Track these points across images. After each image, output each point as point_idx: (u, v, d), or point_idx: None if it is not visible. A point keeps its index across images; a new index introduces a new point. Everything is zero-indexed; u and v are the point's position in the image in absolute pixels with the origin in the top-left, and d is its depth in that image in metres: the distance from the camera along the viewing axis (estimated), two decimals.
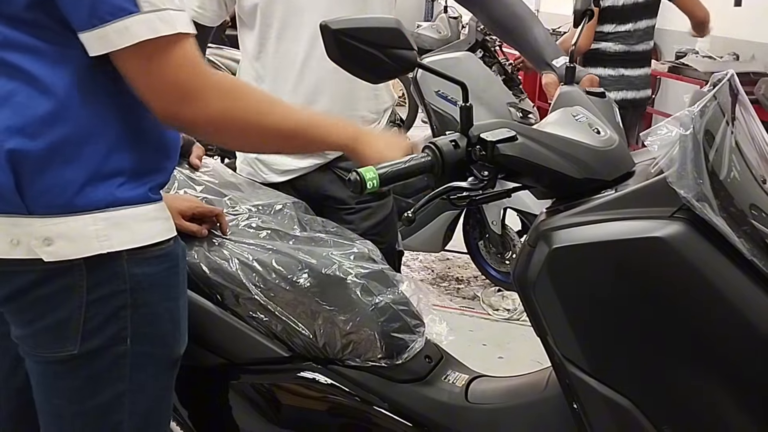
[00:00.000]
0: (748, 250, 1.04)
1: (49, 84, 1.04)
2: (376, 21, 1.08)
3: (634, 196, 1.10)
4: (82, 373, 1.13)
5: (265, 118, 1.17)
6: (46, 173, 1.05)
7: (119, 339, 1.13)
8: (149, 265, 1.14)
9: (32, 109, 1.04)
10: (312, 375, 1.43)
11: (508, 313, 3.52)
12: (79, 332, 1.10)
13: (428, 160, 1.15)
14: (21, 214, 1.06)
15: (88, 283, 1.09)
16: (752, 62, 4.62)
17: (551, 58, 1.72)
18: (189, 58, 1.07)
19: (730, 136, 1.10)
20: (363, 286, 1.45)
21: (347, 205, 1.91)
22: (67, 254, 1.07)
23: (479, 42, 3.89)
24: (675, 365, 1.07)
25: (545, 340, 1.17)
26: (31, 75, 1.04)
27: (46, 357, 1.13)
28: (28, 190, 1.05)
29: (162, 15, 1.04)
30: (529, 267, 1.13)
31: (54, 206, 1.06)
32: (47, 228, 1.06)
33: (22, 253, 1.07)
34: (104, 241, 1.08)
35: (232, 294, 1.45)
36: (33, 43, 1.04)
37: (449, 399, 1.42)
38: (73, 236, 1.07)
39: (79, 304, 1.09)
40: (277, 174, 1.91)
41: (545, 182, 1.21)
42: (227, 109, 1.11)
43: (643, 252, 1.06)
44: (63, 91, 1.05)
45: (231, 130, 1.14)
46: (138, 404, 1.17)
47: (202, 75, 1.09)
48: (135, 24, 1.02)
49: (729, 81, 1.14)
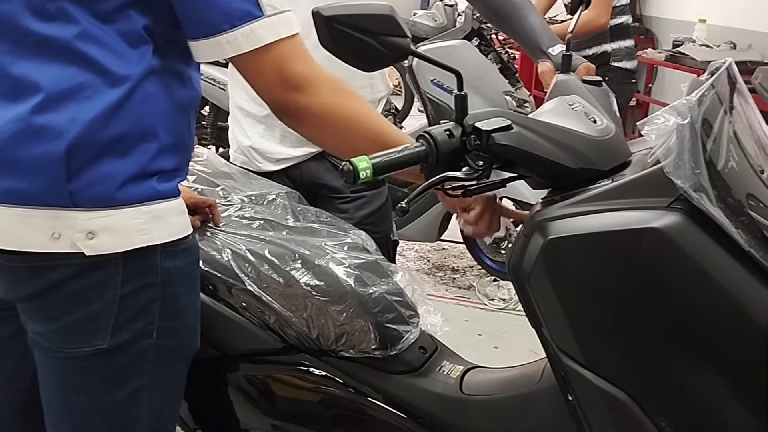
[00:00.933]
0: (746, 241, 1.03)
1: (117, 81, 1.04)
2: (369, 8, 1.06)
3: (630, 187, 1.09)
4: (106, 368, 1.12)
5: (365, 120, 1.21)
6: (97, 167, 1.04)
7: (146, 333, 1.12)
8: (178, 258, 1.14)
9: (98, 104, 1.04)
10: (305, 366, 1.42)
11: (504, 302, 3.52)
12: (110, 326, 1.09)
13: (422, 149, 1.13)
14: (65, 206, 1.04)
15: (123, 276, 1.09)
16: (749, 51, 4.61)
17: (547, 46, 1.71)
18: (303, 52, 1.14)
19: (728, 126, 1.08)
20: (356, 276, 1.44)
21: (342, 194, 1.90)
22: (110, 248, 1.07)
23: (475, 30, 3.85)
24: (671, 357, 1.06)
25: (540, 332, 1.16)
26: (102, 70, 1.04)
27: (71, 352, 1.11)
28: (77, 182, 1.04)
29: (282, 18, 1.11)
30: (524, 258, 1.12)
31: (98, 199, 1.05)
32: (92, 221, 1.05)
33: (64, 247, 1.05)
34: (145, 235, 1.09)
35: (224, 285, 1.44)
36: (111, 40, 1.04)
37: (444, 390, 1.41)
38: (116, 229, 1.06)
39: (113, 298, 1.09)
40: (272, 163, 1.90)
41: (541, 172, 1.20)
42: (337, 103, 1.17)
43: (640, 243, 1.05)
44: (130, 90, 1.05)
45: (336, 124, 1.19)
46: (156, 398, 1.17)
47: (316, 68, 1.15)
48: (260, 28, 1.08)
49: (727, 70, 1.12)
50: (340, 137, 1.23)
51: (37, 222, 1.05)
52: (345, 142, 1.24)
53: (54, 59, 1.03)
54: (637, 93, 4.02)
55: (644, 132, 1.07)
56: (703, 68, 4.57)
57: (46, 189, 1.04)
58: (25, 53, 1.03)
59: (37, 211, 1.05)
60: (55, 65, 1.03)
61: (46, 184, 1.03)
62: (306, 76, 1.14)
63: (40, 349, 1.14)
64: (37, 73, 1.03)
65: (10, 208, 1.05)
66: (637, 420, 1.08)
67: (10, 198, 1.05)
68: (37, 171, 1.03)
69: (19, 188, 1.04)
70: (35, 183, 1.03)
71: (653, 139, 1.06)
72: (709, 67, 1.17)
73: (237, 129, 1.96)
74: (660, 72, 5.67)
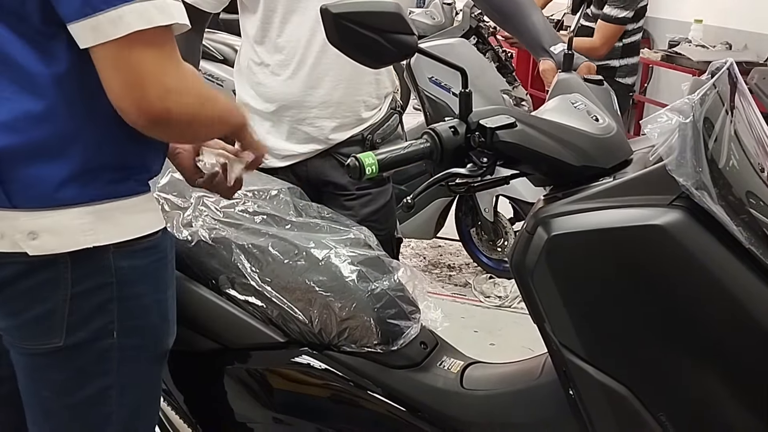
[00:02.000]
0: (746, 238, 1.04)
1: (36, 81, 1.02)
2: (376, 5, 1.07)
3: (633, 184, 1.10)
4: (68, 365, 1.12)
5: (210, 110, 1.12)
6: (31, 168, 1.03)
7: (106, 332, 1.11)
8: (136, 257, 1.12)
9: (19, 105, 1.01)
10: (307, 360, 1.43)
11: (500, 300, 3.53)
12: (64, 325, 1.09)
13: (428, 146, 1.14)
14: (5, 207, 1.04)
15: (72, 275, 1.07)
16: (745, 52, 4.62)
17: (549, 44, 1.72)
18: (175, 52, 1.03)
19: (730, 125, 1.10)
20: (359, 272, 1.45)
21: (347, 191, 1.91)
22: (52, 248, 1.05)
23: (473, 28, 3.87)
24: (672, 352, 1.08)
25: (542, 327, 1.17)
26: (18, 71, 1.01)
27: (32, 349, 1.11)
28: (12, 184, 1.03)
29: (158, 4, 0.99)
30: (527, 253, 1.13)
31: (38, 200, 1.04)
32: (32, 222, 1.04)
33: (7, 247, 1.05)
34: (90, 235, 1.06)
35: (227, 279, 1.45)
36: (20, 37, 1.01)
37: (444, 385, 1.43)
38: (58, 230, 1.05)
39: (63, 297, 1.08)
40: (278, 159, 1.90)
41: (543, 169, 1.21)
42: (195, 104, 1.06)
43: (642, 239, 1.06)
44: (50, 88, 1.02)
45: (192, 124, 1.09)
46: (126, 396, 1.16)
47: (182, 69, 1.04)
48: (129, 13, 0.97)
49: (728, 70, 1.13)
50: (186, 134, 1.16)
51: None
52: (187, 138, 1.24)
53: None
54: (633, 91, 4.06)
55: (647, 130, 1.08)
56: (699, 68, 4.63)
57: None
58: None
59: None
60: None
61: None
62: (173, 80, 1.02)
63: (9, 345, 1.15)
64: None
65: None
66: (637, 414, 1.10)
67: None
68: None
69: None
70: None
71: (656, 137, 1.07)
72: (710, 67, 1.18)
73: None
74: (656, 72, 5.70)
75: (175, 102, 1.02)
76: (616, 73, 3.67)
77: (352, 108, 1.87)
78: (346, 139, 1.90)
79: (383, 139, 1.95)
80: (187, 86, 1.04)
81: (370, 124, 1.93)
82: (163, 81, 1.00)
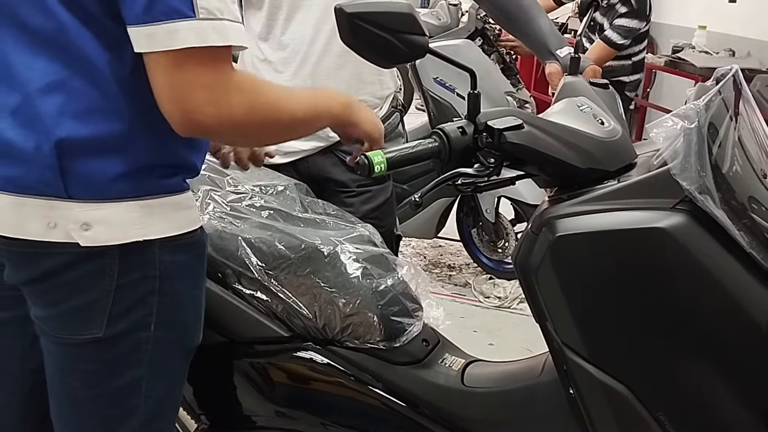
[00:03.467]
0: (747, 243, 1.06)
1: (105, 78, 1.04)
2: (390, 5, 1.09)
3: (637, 187, 1.12)
4: (103, 356, 1.13)
5: (282, 112, 1.13)
6: (91, 161, 1.05)
7: (144, 324, 1.13)
8: (179, 252, 1.14)
9: (89, 98, 1.04)
10: (311, 355, 1.44)
11: (499, 300, 3.55)
12: (105, 316, 1.10)
13: (435, 145, 1.16)
14: (61, 197, 1.06)
15: (119, 267, 1.09)
16: (748, 59, 4.63)
17: (555, 48, 1.74)
18: (226, 67, 1.04)
19: (734, 131, 1.12)
20: (364, 269, 1.47)
21: (348, 188, 1.92)
22: (105, 240, 1.07)
23: (479, 30, 3.87)
24: (672, 353, 1.10)
25: (544, 326, 1.19)
26: (86, 63, 1.03)
27: (68, 339, 1.12)
28: (70, 175, 1.05)
29: (216, 25, 1.00)
30: (532, 253, 1.15)
31: (94, 192, 1.06)
32: (86, 213, 1.06)
33: (59, 237, 1.07)
34: (140, 229, 1.09)
35: (233, 273, 1.46)
36: (90, 31, 1.03)
37: (446, 382, 1.44)
38: (111, 222, 1.07)
39: (108, 288, 1.09)
40: (280, 155, 1.92)
41: (549, 171, 1.23)
42: (249, 110, 1.07)
43: (646, 242, 1.08)
44: (116, 83, 1.04)
45: (252, 128, 1.11)
46: (154, 389, 1.18)
47: (234, 82, 1.05)
48: (185, 29, 0.98)
49: (734, 76, 1.15)
50: (259, 137, 1.22)
51: (33, 211, 1.06)
52: (265, 141, 1.30)
53: (43, 51, 1.03)
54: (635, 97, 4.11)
55: (652, 134, 1.10)
56: (702, 74, 4.64)
57: (41, 179, 1.05)
58: (21, 43, 1.04)
59: (33, 200, 1.06)
60: (44, 57, 1.03)
61: (41, 175, 1.05)
62: (219, 93, 1.03)
63: (42, 334, 1.16)
64: (29, 64, 1.03)
65: (8, 196, 1.07)
66: (636, 413, 1.12)
67: (8, 185, 1.07)
68: (31, 161, 1.04)
69: (16, 176, 1.06)
70: (31, 172, 1.05)
71: (661, 141, 1.09)
72: (716, 73, 1.20)
73: None
74: (658, 77, 5.71)
75: (224, 114, 1.03)
76: (625, 88, 3.75)
77: None
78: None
79: (384, 137, 1.96)
80: (242, 99, 1.05)
81: None
82: (209, 96, 1.02)
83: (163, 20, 0.97)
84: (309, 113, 1.20)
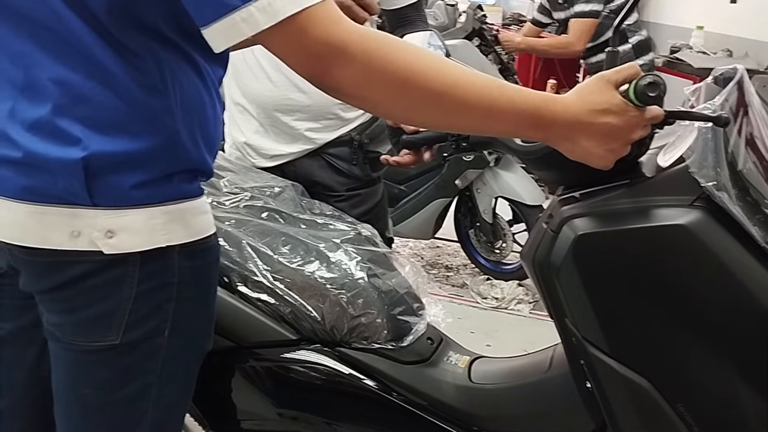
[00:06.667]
0: (762, 237, 1.10)
1: (127, 87, 1.02)
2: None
3: (655, 185, 1.15)
4: (117, 363, 1.11)
5: (428, 74, 1.01)
6: (117, 171, 1.03)
7: (159, 331, 1.12)
8: (197, 258, 1.13)
9: (110, 110, 1.01)
10: (320, 358, 1.44)
11: (497, 301, 3.54)
12: (123, 323, 1.09)
13: None
14: (85, 205, 1.04)
15: (140, 274, 1.08)
16: (745, 59, 4.62)
17: None
18: (335, 16, 0.97)
19: (746, 128, 1.15)
20: (368, 269, 1.47)
21: (336, 192, 1.92)
22: (129, 247, 1.05)
23: (476, 30, 3.86)
24: (693, 347, 1.13)
25: (563, 322, 1.21)
26: (110, 76, 1.01)
27: (84, 346, 1.10)
28: (96, 184, 1.03)
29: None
30: (553, 252, 1.17)
31: (118, 199, 1.04)
32: (111, 220, 1.04)
33: (83, 245, 1.04)
34: (163, 235, 1.07)
35: (239, 277, 1.45)
36: (111, 45, 1.01)
37: (453, 379, 1.45)
38: (135, 229, 1.05)
39: (128, 296, 1.08)
40: (266, 159, 1.90)
41: (562, 170, 1.25)
42: (379, 64, 0.98)
43: (667, 239, 1.11)
44: (140, 95, 1.02)
45: (384, 88, 1.01)
46: (164, 396, 1.16)
47: (348, 30, 0.98)
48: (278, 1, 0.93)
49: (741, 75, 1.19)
50: (403, 102, 1.03)
51: (56, 220, 1.04)
52: (407, 108, 1.05)
53: (66, 63, 1.01)
54: None
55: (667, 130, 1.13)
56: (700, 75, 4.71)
57: (66, 188, 1.03)
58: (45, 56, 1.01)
59: (55, 209, 1.04)
60: (67, 69, 1.01)
61: (66, 184, 1.03)
62: (336, 43, 0.96)
63: (53, 340, 1.14)
64: (53, 77, 1.01)
65: (28, 205, 1.05)
66: (657, 405, 1.15)
67: (30, 195, 1.05)
68: (57, 172, 1.02)
69: (40, 186, 1.04)
70: (57, 182, 1.03)
71: (676, 139, 1.12)
72: (713, 73, 1.23)
73: (232, 124, 1.96)
74: None
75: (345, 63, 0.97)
76: None
77: (332, 110, 1.88)
78: (333, 140, 1.91)
79: (371, 140, 1.96)
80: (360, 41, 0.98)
81: (359, 125, 1.94)
82: (330, 48, 0.96)
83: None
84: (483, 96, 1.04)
